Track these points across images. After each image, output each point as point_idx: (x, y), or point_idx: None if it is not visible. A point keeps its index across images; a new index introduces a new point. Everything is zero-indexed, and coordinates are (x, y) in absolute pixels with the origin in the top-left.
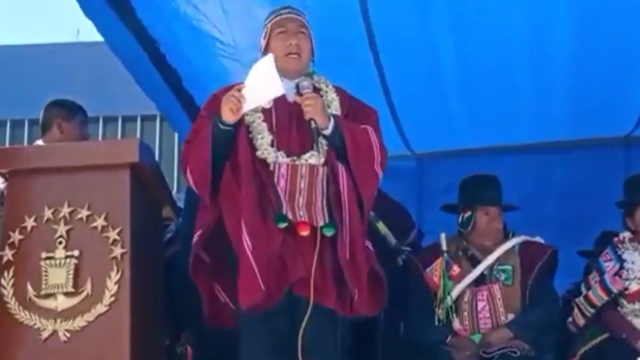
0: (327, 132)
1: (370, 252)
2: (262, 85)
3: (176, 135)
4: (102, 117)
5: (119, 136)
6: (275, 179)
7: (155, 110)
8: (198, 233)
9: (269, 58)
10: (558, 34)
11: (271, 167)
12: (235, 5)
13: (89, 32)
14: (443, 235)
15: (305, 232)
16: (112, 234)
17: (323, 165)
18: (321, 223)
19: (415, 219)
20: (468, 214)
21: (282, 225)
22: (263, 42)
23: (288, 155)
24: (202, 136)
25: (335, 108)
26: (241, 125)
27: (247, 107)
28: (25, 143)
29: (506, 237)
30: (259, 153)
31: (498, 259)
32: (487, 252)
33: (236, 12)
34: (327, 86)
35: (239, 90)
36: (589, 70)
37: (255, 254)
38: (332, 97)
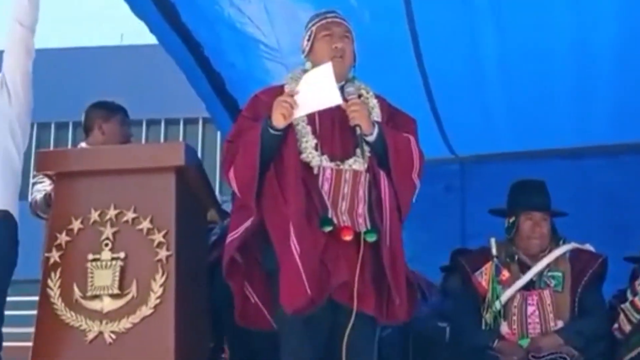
0: (371, 138)
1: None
2: (317, 92)
3: (218, 138)
4: (146, 120)
5: (162, 139)
6: (320, 183)
7: (198, 113)
8: (233, 234)
9: (328, 66)
10: (601, 37)
11: (315, 171)
12: (278, 8)
13: (133, 36)
14: (493, 240)
15: (348, 237)
16: (158, 237)
17: (365, 171)
18: (363, 228)
19: (459, 221)
20: (512, 219)
21: (328, 229)
22: (307, 45)
23: (331, 160)
24: (248, 139)
25: (377, 114)
26: (290, 129)
27: (298, 113)
28: (69, 145)
29: (556, 244)
30: (303, 156)
31: (548, 265)
32: (536, 257)
33: (280, 14)
34: (367, 92)
35: (292, 96)
36: (633, 73)
37: (302, 257)
38: (373, 103)
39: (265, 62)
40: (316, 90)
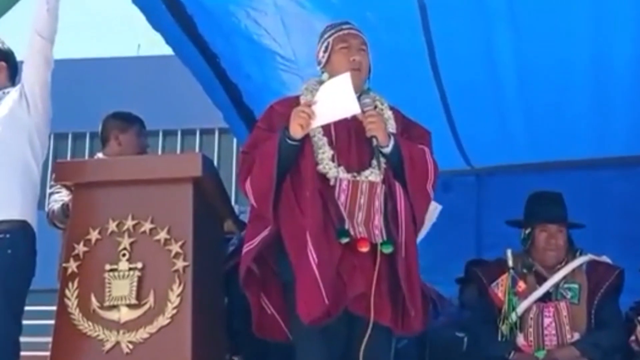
0: (387, 150)
1: None
2: (336, 102)
3: (234, 148)
4: (162, 131)
5: (179, 149)
6: (336, 194)
7: (214, 124)
8: (249, 245)
9: (346, 76)
10: (619, 49)
11: (331, 182)
12: (295, 20)
13: (150, 47)
14: (509, 251)
15: (365, 249)
16: (175, 247)
17: (381, 182)
18: (379, 240)
19: (474, 232)
20: (528, 230)
21: (344, 240)
22: (324, 56)
23: (348, 171)
24: (265, 150)
25: (392, 126)
26: (307, 139)
27: (316, 123)
28: (87, 156)
29: (573, 255)
30: (320, 167)
31: (565, 277)
32: (552, 269)
33: (296, 26)
34: (382, 104)
35: (309, 106)
36: None
37: (320, 268)
38: (388, 114)
39: (281, 74)
40: (334, 100)
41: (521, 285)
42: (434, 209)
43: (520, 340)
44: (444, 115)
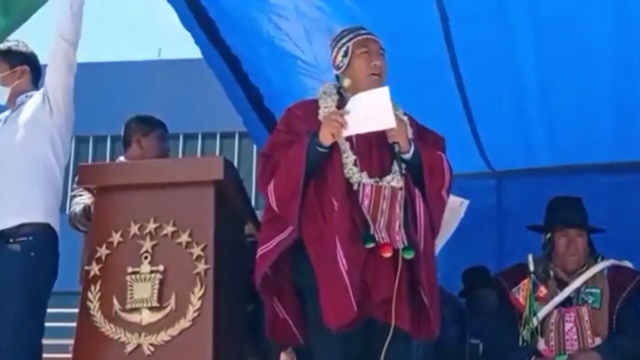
0: (408, 156)
1: None
2: (371, 114)
3: (254, 152)
4: (183, 134)
5: (199, 153)
6: (360, 199)
7: (234, 127)
8: (264, 247)
9: (385, 90)
10: None
11: (355, 187)
12: (316, 25)
13: (170, 51)
14: (530, 256)
15: (388, 254)
16: (196, 250)
17: (401, 188)
18: (401, 245)
19: (495, 237)
20: (548, 235)
21: (370, 245)
22: (343, 61)
23: (370, 176)
24: (292, 154)
25: (410, 132)
26: (335, 146)
27: (347, 132)
28: (108, 159)
29: (594, 260)
30: (344, 172)
31: (586, 282)
32: (573, 274)
33: (317, 31)
34: (397, 109)
35: (341, 115)
36: None
37: (350, 274)
38: (405, 120)
39: (302, 78)
40: (370, 112)
41: (542, 290)
42: (461, 204)
43: (541, 345)
44: (465, 119)
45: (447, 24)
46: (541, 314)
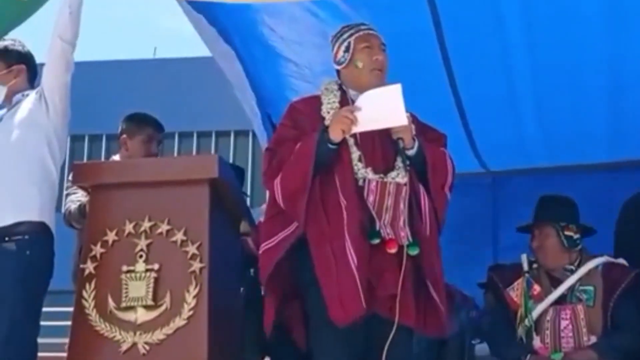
0: (412, 152)
1: None
2: (382, 112)
3: (249, 150)
4: (178, 133)
5: (194, 151)
6: (365, 195)
7: (230, 126)
8: (268, 243)
9: (398, 88)
10: (634, 52)
11: (360, 183)
12: (311, 30)
13: (166, 50)
14: (524, 256)
15: (393, 250)
16: (191, 249)
17: (405, 184)
18: (405, 241)
19: (491, 235)
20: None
21: (376, 241)
22: (345, 56)
23: (375, 172)
24: (301, 150)
25: (413, 129)
26: (344, 142)
27: (357, 129)
28: (103, 158)
29: (588, 258)
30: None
31: (580, 280)
32: (564, 272)
33: (312, 35)
34: None
35: (351, 112)
36: None
37: (359, 270)
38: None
39: (293, 81)
40: (381, 109)
41: (536, 288)
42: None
43: (537, 343)
44: (459, 119)
45: (440, 26)
46: (535, 312)
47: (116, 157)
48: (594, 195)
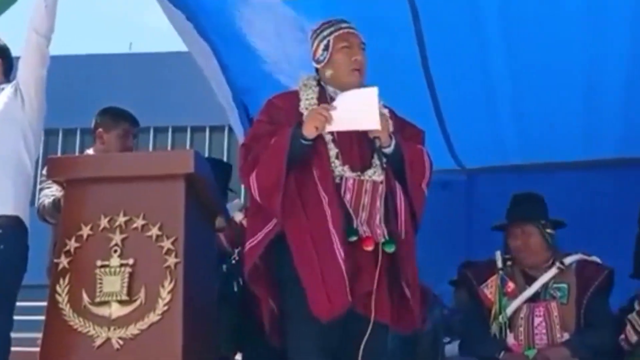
0: (389, 150)
1: None
2: (357, 113)
3: (225, 145)
4: (153, 128)
5: (170, 146)
6: (342, 193)
7: (205, 121)
8: (252, 240)
9: (374, 91)
10: (612, 54)
11: (337, 180)
12: (289, 22)
13: (141, 44)
14: (498, 253)
15: (370, 248)
16: (166, 244)
17: (382, 182)
18: (382, 239)
19: (464, 232)
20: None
21: (353, 239)
22: (323, 54)
23: (352, 170)
24: (275, 145)
25: (391, 126)
26: (320, 139)
27: (331, 128)
28: (77, 152)
29: (562, 255)
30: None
31: (554, 277)
32: (538, 269)
33: (290, 28)
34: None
35: (327, 110)
36: None
37: (346, 264)
38: (384, 113)
39: (271, 75)
40: (356, 110)
41: (510, 285)
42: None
43: (511, 340)
44: (434, 116)
45: (419, 23)
46: (509, 309)
47: (90, 151)
48: (568, 192)
